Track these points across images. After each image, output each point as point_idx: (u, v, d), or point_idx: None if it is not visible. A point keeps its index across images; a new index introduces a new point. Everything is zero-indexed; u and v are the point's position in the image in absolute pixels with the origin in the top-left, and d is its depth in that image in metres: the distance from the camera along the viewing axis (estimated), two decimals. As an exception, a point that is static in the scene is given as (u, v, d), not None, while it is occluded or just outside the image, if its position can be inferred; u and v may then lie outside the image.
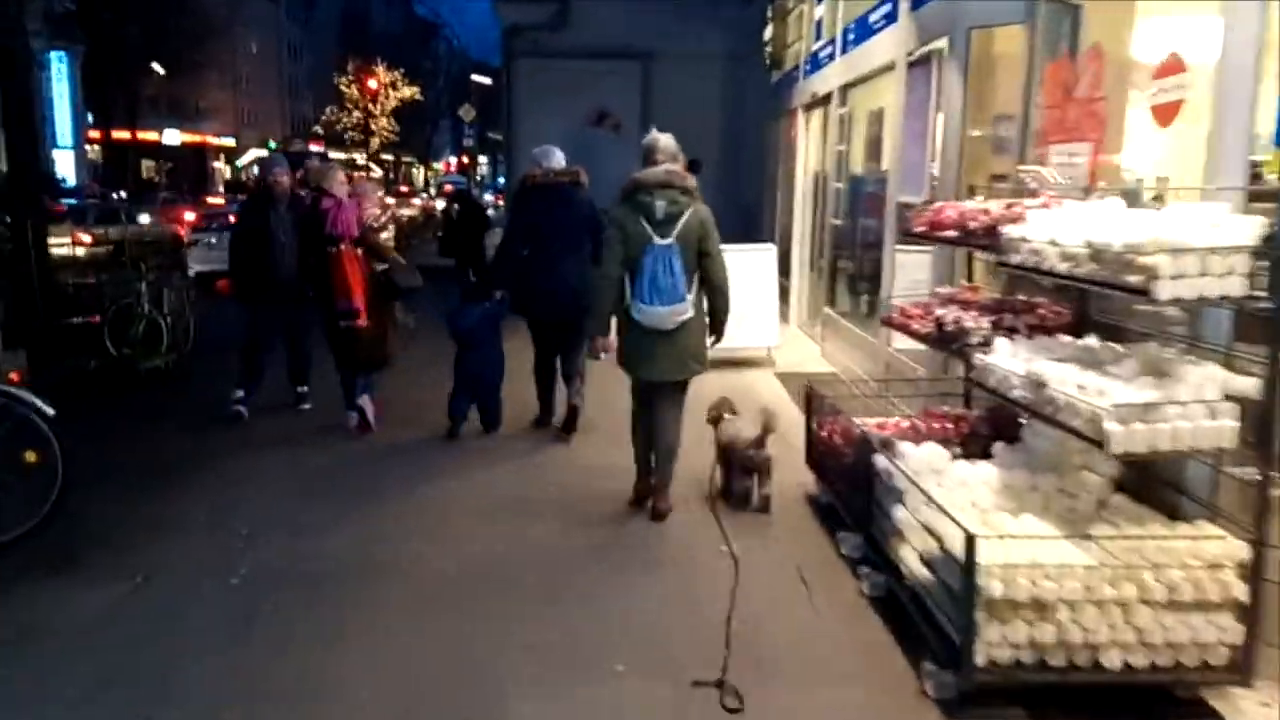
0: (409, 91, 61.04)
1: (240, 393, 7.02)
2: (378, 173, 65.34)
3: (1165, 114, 3.90)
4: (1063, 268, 3.40)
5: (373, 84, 57.51)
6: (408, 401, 7.36)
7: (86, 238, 21.75)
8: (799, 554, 4.65)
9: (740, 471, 5.12)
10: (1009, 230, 3.77)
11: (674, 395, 4.99)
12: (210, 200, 30.30)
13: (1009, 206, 4.02)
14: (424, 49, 65.93)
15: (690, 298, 4.75)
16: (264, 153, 58.48)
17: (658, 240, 4.66)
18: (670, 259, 4.65)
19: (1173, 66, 3.86)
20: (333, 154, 62.94)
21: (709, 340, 4.97)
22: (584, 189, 6.24)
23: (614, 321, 4.97)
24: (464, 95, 48.99)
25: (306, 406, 7.39)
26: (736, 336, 8.55)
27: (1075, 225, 3.43)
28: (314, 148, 64.11)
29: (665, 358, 4.79)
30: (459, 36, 67.94)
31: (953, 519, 3.37)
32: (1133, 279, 3.03)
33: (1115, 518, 3.57)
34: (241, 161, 58.16)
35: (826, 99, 9.86)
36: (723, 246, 4.89)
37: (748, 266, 9.00)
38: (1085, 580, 3.17)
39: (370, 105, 60.83)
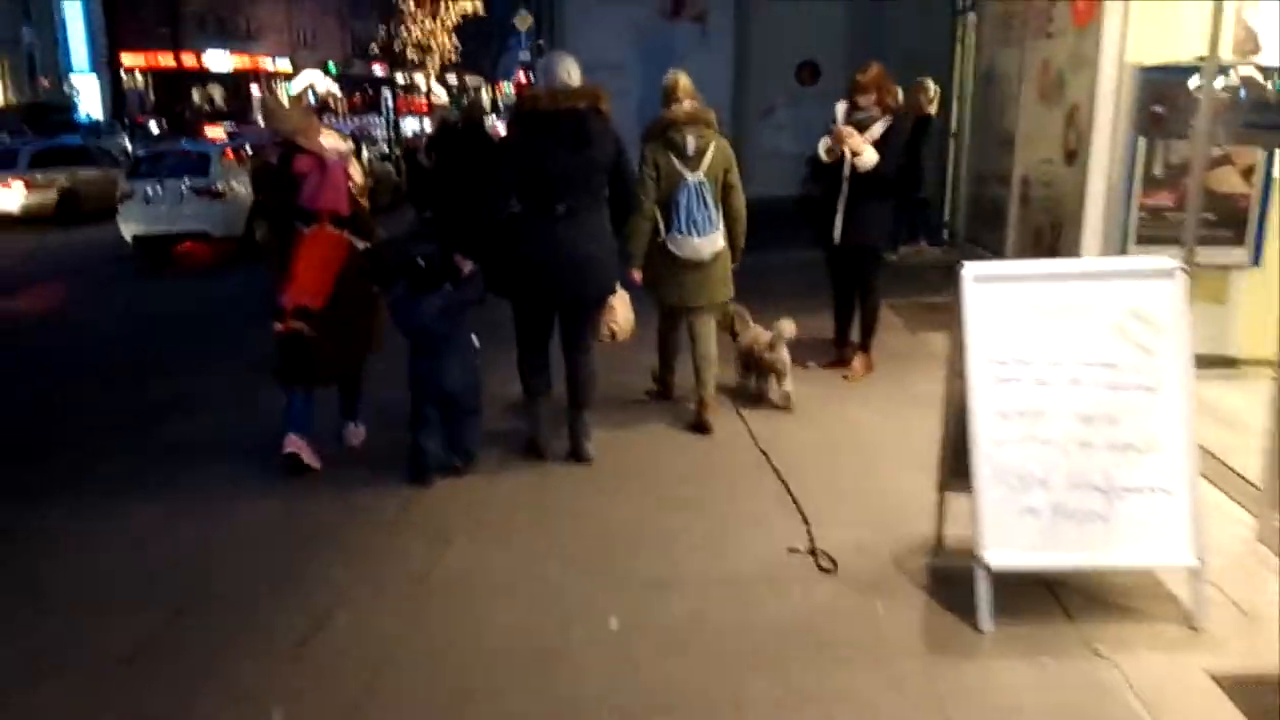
0: (470, 4, 55.73)
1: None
2: (442, 96, 60.79)
3: None
4: None
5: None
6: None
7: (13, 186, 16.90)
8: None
9: (759, 371, 5.42)
10: None
11: (710, 317, 5.20)
12: (207, 132, 24.98)
13: None
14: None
15: (720, 227, 4.91)
16: (318, 75, 54.37)
17: (689, 176, 4.80)
18: (703, 193, 4.82)
19: None
20: (398, 77, 58.68)
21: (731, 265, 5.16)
22: (606, 117, 4.47)
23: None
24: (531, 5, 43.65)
25: None
26: (1088, 532, 2.89)
27: None
28: (376, 69, 60.01)
29: (703, 285, 4.99)
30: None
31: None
32: None
33: None
34: (294, 86, 53.87)
35: None
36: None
37: (1118, 332, 3.12)
38: None
39: (429, 21, 55.93)
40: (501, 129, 17.15)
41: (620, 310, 4.92)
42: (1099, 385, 3.08)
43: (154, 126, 34.63)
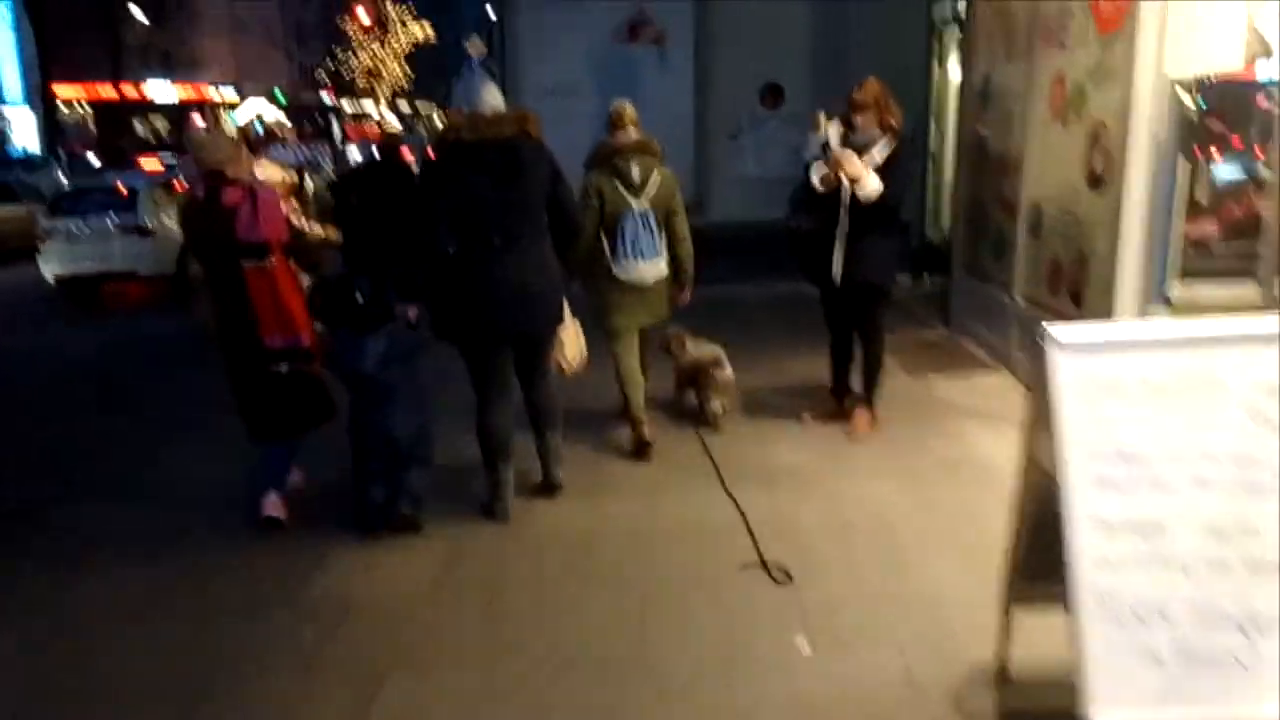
0: (420, 32, 55.05)
1: None
2: (394, 124, 60.01)
3: None
4: None
5: (363, 16, 51.69)
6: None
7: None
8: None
9: (700, 389, 5.52)
10: None
11: (647, 337, 5.36)
12: (143, 163, 23.77)
13: None
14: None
15: (664, 254, 5.02)
16: (264, 103, 53.30)
17: (635, 204, 4.87)
18: (649, 220, 4.90)
19: None
20: (346, 105, 57.79)
21: (683, 295, 5.27)
22: (538, 142, 4.20)
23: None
24: (483, 30, 43.09)
25: None
26: (1225, 679, 2.05)
27: None
28: (325, 97, 59.12)
29: (647, 306, 5.13)
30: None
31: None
32: None
33: None
34: (240, 116, 52.70)
35: None
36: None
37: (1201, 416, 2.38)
38: None
39: (377, 47, 55.19)
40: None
41: (570, 343, 4.83)
42: (1232, 486, 2.35)
43: (93, 159, 33.37)
